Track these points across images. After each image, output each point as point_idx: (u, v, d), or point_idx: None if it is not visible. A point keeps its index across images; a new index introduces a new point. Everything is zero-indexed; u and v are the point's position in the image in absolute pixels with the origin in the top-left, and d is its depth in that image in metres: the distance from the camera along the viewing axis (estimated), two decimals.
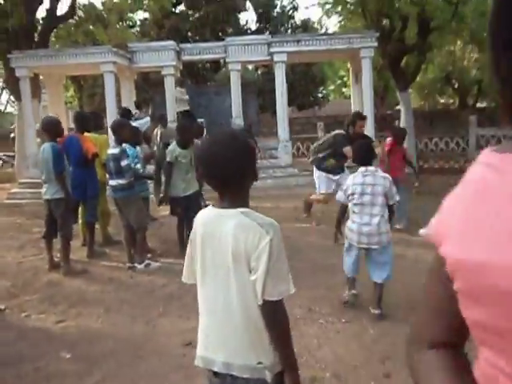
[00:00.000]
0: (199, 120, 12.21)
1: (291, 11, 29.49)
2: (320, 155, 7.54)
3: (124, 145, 6.10)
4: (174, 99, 13.73)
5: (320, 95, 27.28)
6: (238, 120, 13.96)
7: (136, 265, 6.09)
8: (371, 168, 4.46)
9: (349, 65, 14.80)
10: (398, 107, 32.88)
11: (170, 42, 14.09)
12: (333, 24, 21.00)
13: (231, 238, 1.77)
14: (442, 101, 25.89)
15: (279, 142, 13.29)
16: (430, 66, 18.86)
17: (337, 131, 7.48)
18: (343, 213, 4.77)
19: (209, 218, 1.90)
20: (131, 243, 6.16)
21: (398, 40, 13.73)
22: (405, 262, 5.55)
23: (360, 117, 7.21)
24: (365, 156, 4.56)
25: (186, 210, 6.37)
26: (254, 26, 28.95)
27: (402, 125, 15.06)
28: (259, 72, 30.40)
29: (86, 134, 6.81)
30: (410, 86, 15.02)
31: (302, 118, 23.73)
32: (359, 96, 14.40)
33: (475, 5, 13.39)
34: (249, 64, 15.79)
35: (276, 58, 12.78)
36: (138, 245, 6.12)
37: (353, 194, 4.44)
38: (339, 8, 15.86)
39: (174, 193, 6.41)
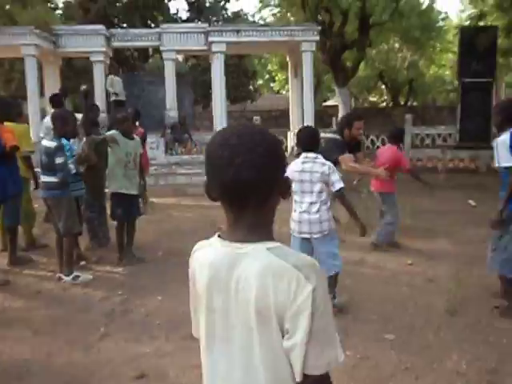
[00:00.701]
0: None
1: (223, 2, 28.83)
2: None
3: (63, 140, 5.30)
4: (109, 88, 12.80)
5: (252, 89, 26.85)
6: (172, 112, 13.26)
7: (63, 276, 5.28)
8: (311, 154, 4.14)
9: (287, 58, 14.41)
10: (326, 103, 33.19)
11: (100, 26, 13.11)
12: (269, 17, 20.68)
13: (255, 288, 1.19)
14: (374, 99, 26.25)
15: None
16: (362, 64, 18.91)
17: (329, 135, 6.61)
18: None
19: (219, 257, 1.29)
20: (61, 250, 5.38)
21: (339, 35, 13.52)
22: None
23: (358, 117, 5.75)
24: (308, 142, 4.21)
25: (128, 211, 5.68)
26: (184, 16, 28.04)
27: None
28: (189, 64, 29.54)
29: (6, 123, 5.91)
30: (349, 82, 14.87)
31: (235, 112, 23.22)
32: (298, 90, 14.07)
33: (413, 4, 13.44)
34: (184, 53, 15.01)
35: (215, 47, 12.17)
36: (65, 253, 5.31)
37: (293, 180, 4.09)
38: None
39: (113, 187, 5.71)
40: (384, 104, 28.23)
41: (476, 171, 14.18)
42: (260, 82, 37.76)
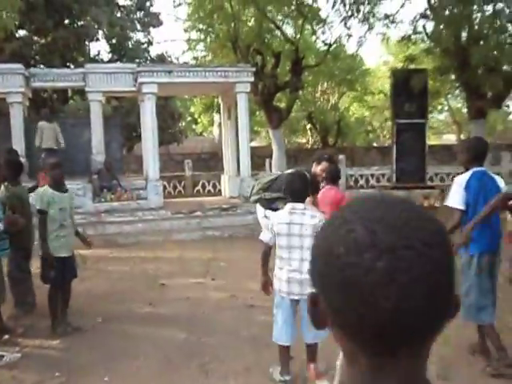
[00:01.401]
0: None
1: (146, 45, 28.39)
2: (266, 196, 6.43)
3: None
4: (40, 134, 11.82)
5: (178, 131, 26.28)
6: (99, 156, 12.40)
7: None
8: (299, 205, 3.71)
9: (220, 100, 14.05)
10: (250, 144, 33.15)
11: (18, 66, 12.15)
12: (197, 59, 20.34)
13: None
14: (303, 140, 26.49)
15: (147, 181, 11.96)
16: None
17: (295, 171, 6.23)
18: (266, 257, 3.82)
19: None
20: None
21: (272, 77, 13.36)
22: None
23: (329, 159, 5.72)
24: (295, 189, 3.77)
25: (63, 273, 4.88)
26: (106, 57, 27.26)
27: (274, 163, 14.65)
28: (111, 106, 28.59)
29: None
30: (283, 123, 14.69)
31: (162, 155, 22.46)
32: (232, 132, 13.68)
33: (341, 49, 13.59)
34: (111, 95, 14.29)
35: (145, 89, 11.55)
36: None
37: (278, 234, 3.68)
38: (207, 41, 15.24)
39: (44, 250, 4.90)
40: (310, 145, 28.58)
41: None
42: (182, 124, 37.32)
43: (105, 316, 5.38)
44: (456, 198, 3.88)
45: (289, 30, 13.49)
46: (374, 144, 34.74)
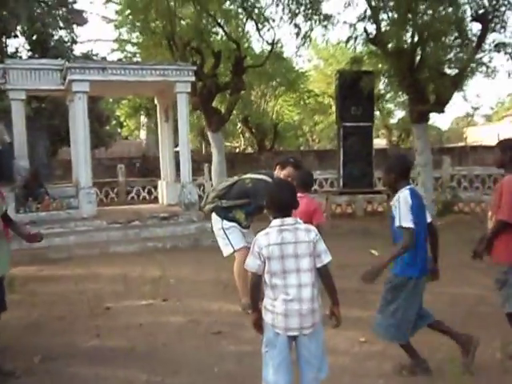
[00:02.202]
0: None
1: (69, 43, 26.78)
2: (223, 204, 5.71)
3: None
4: None
5: (106, 135, 24.89)
6: (22, 161, 11.21)
7: None
8: (289, 220, 3.07)
9: (155, 100, 13.16)
10: (177, 149, 32.20)
11: None
12: (127, 58, 19.19)
13: None
14: (236, 144, 25.89)
15: (79, 188, 10.89)
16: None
17: (258, 176, 5.65)
18: (256, 289, 3.17)
19: None
20: None
21: (212, 77, 12.65)
22: None
23: (295, 164, 5.42)
24: (283, 201, 3.12)
25: None
26: (25, 55, 25.41)
27: (214, 168, 13.94)
28: (32, 107, 26.70)
29: None
30: (222, 126, 13.99)
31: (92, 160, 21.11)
32: (169, 136, 12.85)
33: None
34: (36, 94, 13.03)
35: (76, 87, 10.50)
36: None
37: (269, 258, 2.99)
38: (140, 38, 14.30)
39: None
40: (241, 149, 28.07)
41: (353, 216, 14.03)
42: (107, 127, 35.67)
43: (43, 354, 4.43)
44: (408, 218, 3.64)
45: (230, 28, 12.81)
46: (303, 148, 34.81)
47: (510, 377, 3.86)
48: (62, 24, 27.31)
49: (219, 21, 12.64)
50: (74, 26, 27.71)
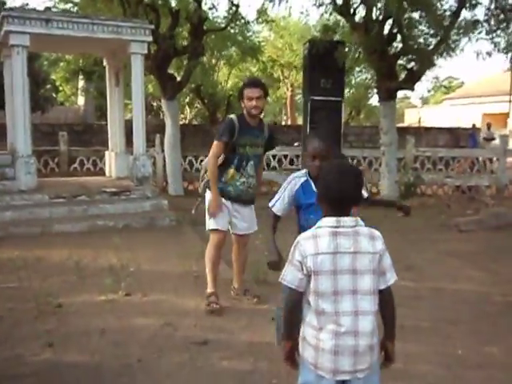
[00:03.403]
0: None
1: None
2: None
3: None
4: None
5: (42, 98, 22.99)
6: None
7: None
8: (347, 220, 2.22)
9: (105, 62, 11.84)
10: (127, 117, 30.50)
11: None
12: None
13: None
14: (182, 115, 24.58)
15: (15, 157, 9.57)
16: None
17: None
18: (295, 308, 2.35)
19: None
20: None
21: (170, 38, 11.47)
22: None
23: (248, 83, 4.73)
24: (342, 193, 2.24)
25: None
26: None
27: (167, 139, 12.85)
28: None
29: None
30: (178, 93, 12.85)
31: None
32: (119, 102, 11.60)
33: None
34: None
35: (14, 39, 9.09)
36: None
37: (316, 272, 2.15)
38: None
39: None
40: (188, 121, 26.86)
41: None
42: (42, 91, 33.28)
43: None
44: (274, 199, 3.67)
45: None
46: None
47: None
48: None
49: None
50: None
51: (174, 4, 11.98)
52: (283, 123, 38.44)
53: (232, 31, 13.08)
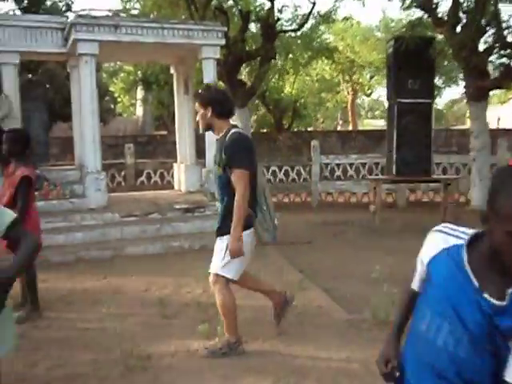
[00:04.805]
0: None
1: (64, 10, 24.59)
2: None
3: None
4: None
5: (104, 110, 22.83)
6: None
7: None
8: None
9: (172, 70, 11.21)
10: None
11: None
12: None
13: None
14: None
15: (85, 173, 9.02)
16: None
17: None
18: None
19: None
20: None
21: (242, 41, 10.72)
22: None
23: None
24: None
25: None
26: None
27: None
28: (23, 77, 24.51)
29: None
30: (249, 100, 12.10)
31: None
32: (190, 112, 10.92)
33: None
34: (33, 57, 11.00)
35: (82, 48, 8.56)
36: None
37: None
38: None
39: None
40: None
41: (395, 206, 12.33)
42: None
43: None
44: None
45: None
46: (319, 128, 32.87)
47: None
48: None
49: None
50: None
51: (244, 5, 11.22)
52: (338, 128, 37.31)
53: (312, 30, 12.22)
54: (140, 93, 28.59)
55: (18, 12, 23.70)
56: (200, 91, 4.05)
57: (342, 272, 6.59)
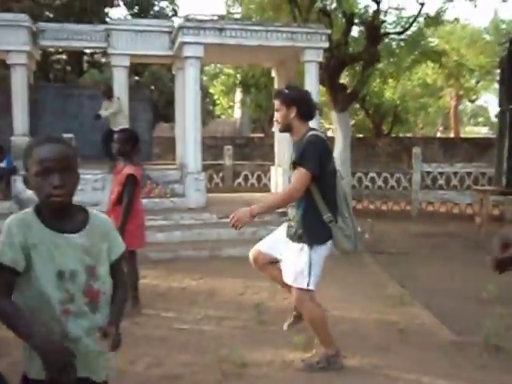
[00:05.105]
0: (67, 136, 7.68)
1: (171, 15, 25.54)
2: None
3: None
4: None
5: (205, 111, 23.46)
6: None
7: None
8: None
9: (273, 73, 11.21)
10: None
11: (22, 16, 9.43)
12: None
13: None
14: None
15: (185, 172, 9.22)
16: None
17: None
18: None
19: None
20: None
21: (345, 44, 10.49)
22: None
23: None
24: None
25: None
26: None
27: (337, 155, 11.83)
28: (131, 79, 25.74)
29: None
30: (350, 105, 11.84)
31: None
32: None
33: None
34: (141, 60, 11.48)
35: (187, 51, 8.77)
36: None
37: None
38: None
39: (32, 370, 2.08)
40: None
41: (500, 219, 11.50)
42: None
43: None
44: None
45: None
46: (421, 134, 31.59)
47: None
48: None
49: None
50: None
51: (348, 7, 10.98)
52: (438, 135, 35.73)
53: (408, 34, 11.78)
54: (238, 95, 29.04)
55: (129, 17, 24.94)
56: (283, 90, 3.88)
57: (445, 288, 6.21)
